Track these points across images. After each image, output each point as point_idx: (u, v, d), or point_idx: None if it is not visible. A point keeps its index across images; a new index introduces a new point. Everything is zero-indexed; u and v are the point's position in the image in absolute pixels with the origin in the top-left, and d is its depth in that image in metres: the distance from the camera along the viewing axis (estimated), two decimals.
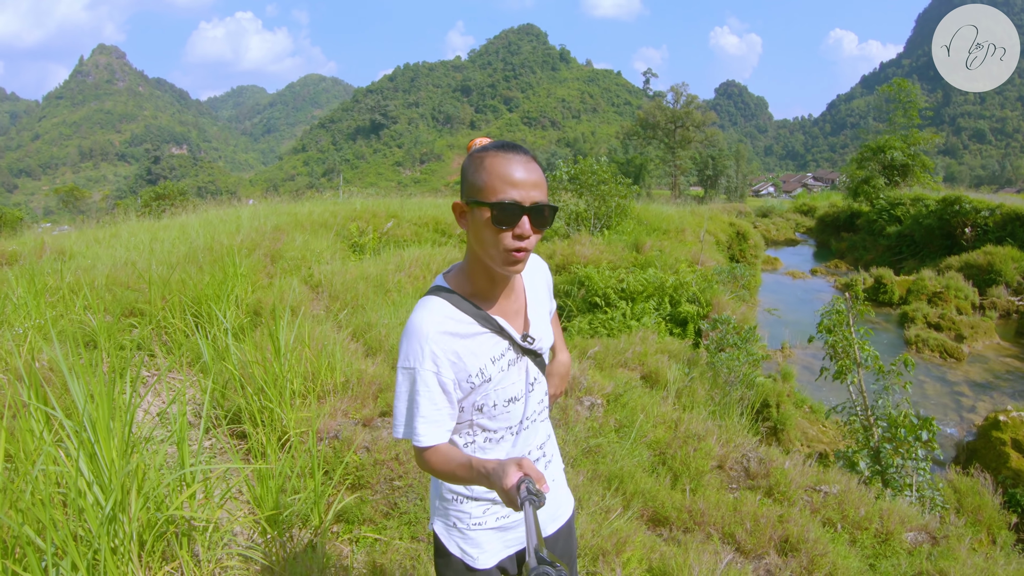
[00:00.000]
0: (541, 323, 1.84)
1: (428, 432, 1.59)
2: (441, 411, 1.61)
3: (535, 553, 1.11)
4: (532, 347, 1.75)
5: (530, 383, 1.77)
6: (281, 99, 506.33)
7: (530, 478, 1.31)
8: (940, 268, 17.91)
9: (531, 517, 1.21)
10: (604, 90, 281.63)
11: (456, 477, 1.56)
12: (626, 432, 4.98)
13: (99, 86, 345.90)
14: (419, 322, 1.58)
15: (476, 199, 1.53)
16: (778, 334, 14.30)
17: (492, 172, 1.51)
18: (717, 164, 64.65)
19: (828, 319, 6.79)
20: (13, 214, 22.23)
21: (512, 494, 1.30)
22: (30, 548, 2.21)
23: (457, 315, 1.62)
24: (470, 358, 1.61)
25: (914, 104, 33.25)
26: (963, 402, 10.92)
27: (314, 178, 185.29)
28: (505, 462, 1.38)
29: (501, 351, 1.68)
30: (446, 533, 1.81)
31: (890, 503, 4.63)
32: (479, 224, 1.54)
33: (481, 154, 1.56)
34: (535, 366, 1.79)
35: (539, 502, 1.25)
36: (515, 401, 1.72)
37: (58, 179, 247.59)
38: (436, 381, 1.58)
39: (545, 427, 1.92)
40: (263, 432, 4.11)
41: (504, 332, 1.68)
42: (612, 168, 16.14)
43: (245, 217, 13.08)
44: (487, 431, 1.72)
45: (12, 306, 5.84)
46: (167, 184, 31.98)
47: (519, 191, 1.50)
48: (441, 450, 1.60)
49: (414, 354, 1.57)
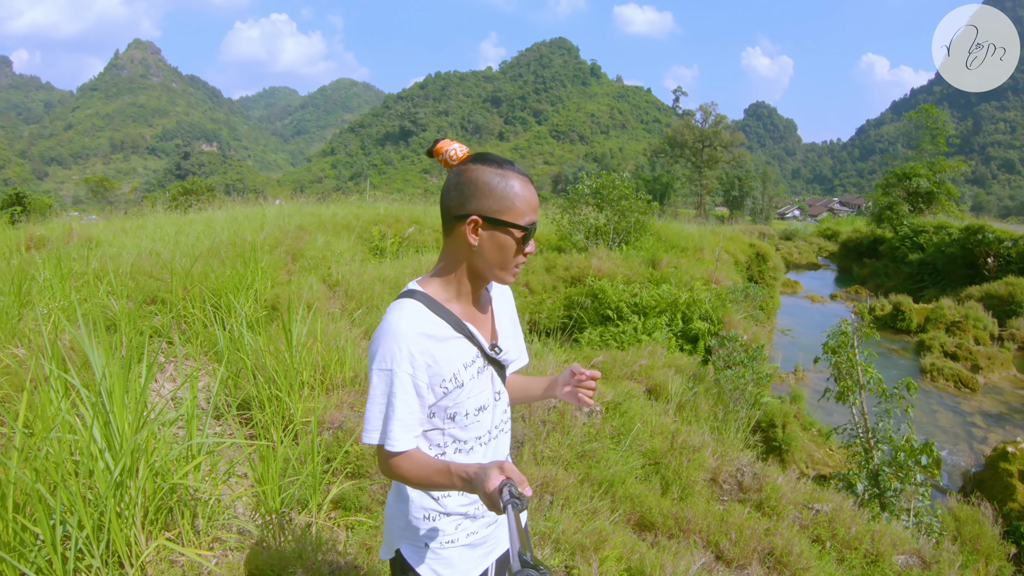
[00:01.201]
0: (508, 337, 1.89)
1: (401, 436, 1.59)
2: (414, 415, 1.61)
3: (519, 556, 1.12)
4: (499, 357, 1.79)
5: (496, 392, 1.80)
6: (312, 102, 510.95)
7: (512, 481, 1.31)
8: (960, 297, 17.76)
9: (514, 520, 1.22)
10: (633, 107, 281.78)
11: (431, 483, 1.56)
12: (622, 439, 5.07)
13: (133, 80, 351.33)
14: (396, 323, 1.58)
15: (503, 219, 1.59)
16: (792, 356, 14.30)
17: (520, 196, 1.60)
18: (743, 185, 64.40)
19: (833, 340, 6.84)
20: (43, 201, 22.65)
21: (495, 497, 1.31)
22: (41, 505, 2.37)
23: (433, 318, 1.63)
24: (445, 362, 1.62)
25: (941, 131, 33.02)
26: (975, 432, 10.86)
27: (341, 181, 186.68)
28: (487, 465, 1.39)
29: (472, 357, 1.70)
30: (416, 555, 1.75)
31: (883, 525, 4.64)
32: (500, 242, 1.61)
33: (500, 171, 1.60)
34: (499, 378, 1.82)
35: (522, 505, 1.26)
36: (484, 410, 1.74)
37: (88, 169, 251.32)
38: (412, 383, 1.58)
39: (508, 440, 1.92)
40: (270, 418, 4.27)
41: (474, 339, 1.71)
42: (633, 184, 16.19)
43: (270, 215, 13.30)
44: (458, 441, 1.71)
45: (38, 288, 6.05)
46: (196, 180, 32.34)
47: (536, 214, 1.63)
48: (413, 456, 1.60)
49: (391, 355, 1.56)
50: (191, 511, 3.07)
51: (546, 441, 4.80)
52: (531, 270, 12.71)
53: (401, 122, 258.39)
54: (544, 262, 13.18)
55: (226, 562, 3.04)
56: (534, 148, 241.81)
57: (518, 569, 1.09)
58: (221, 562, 3.01)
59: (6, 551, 2.37)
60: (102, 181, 64.57)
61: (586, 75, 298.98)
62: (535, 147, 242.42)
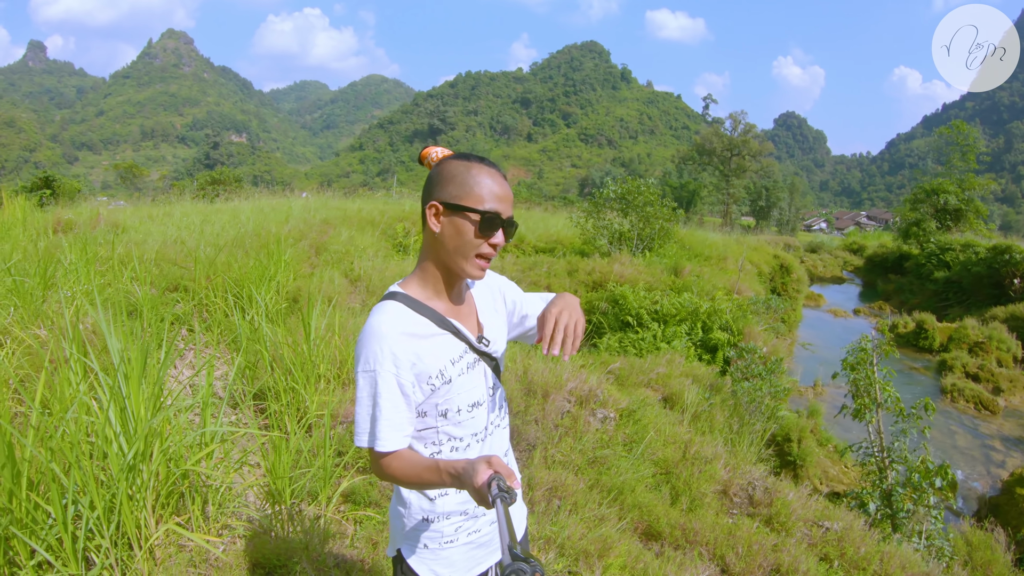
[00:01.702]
0: (494, 329, 1.89)
1: (389, 436, 1.60)
2: (401, 415, 1.62)
3: (509, 550, 1.12)
4: (487, 350, 1.80)
5: (490, 387, 1.81)
6: (343, 96, 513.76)
7: (501, 475, 1.32)
8: (985, 318, 17.46)
9: (503, 514, 1.22)
10: (663, 112, 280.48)
11: (422, 481, 1.57)
12: (634, 447, 5.06)
13: (165, 69, 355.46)
14: (377, 325, 1.60)
15: (461, 204, 1.61)
16: (812, 370, 14.17)
17: (480, 182, 1.61)
18: (771, 195, 63.87)
19: (852, 357, 6.77)
20: (72, 185, 22.93)
21: (483, 491, 1.32)
22: (55, 484, 2.41)
23: (415, 317, 1.65)
24: (430, 359, 1.63)
25: (972, 148, 32.59)
26: (993, 456, 10.70)
27: (369, 177, 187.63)
28: (475, 460, 1.40)
29: (459, 353, 1.71)
30: (416, 557, 1.77)
31: (893, 546, 4.57)
32: (459, 227, 1.62)
33: (464, 162, 1.64)
34: (491, 372, 1.83)
35: (511, 499, 1.26)
36: (478, 406, 1.75)
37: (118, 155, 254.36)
38: (396, 383, 1.59)
39: (506, 436, 1.93)
40: (285, 409, 4.32)
41: (460, 334, 1.72)
42: (659, 190, 16.14)
43: (296, 208, 13.43)
44: (453, 439, 1.72)
45: (63, 271, 6.15)
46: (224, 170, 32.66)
47: (501, 204, 1.63)
48: (403, 455, 1.62)
49: (374, 356, 1.58)
50: (202, 497, 3.11)
51: (558, 445, 4.81)
52: (553, 273, 12.72)
53: (430, 120, 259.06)
54: (567, 265, 13.18)
55: (234, 549, 3.07)
56: (562, 151, 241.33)
57: (508, 563, 1.09)
58: (229, 549, 3.05)
59: (18, 527, 2.42)
60: (131, 168, 65.28)
61: (616, 79, 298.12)
62: (563, 150, 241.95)
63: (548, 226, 18.31)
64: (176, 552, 2.89)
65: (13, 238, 7.45)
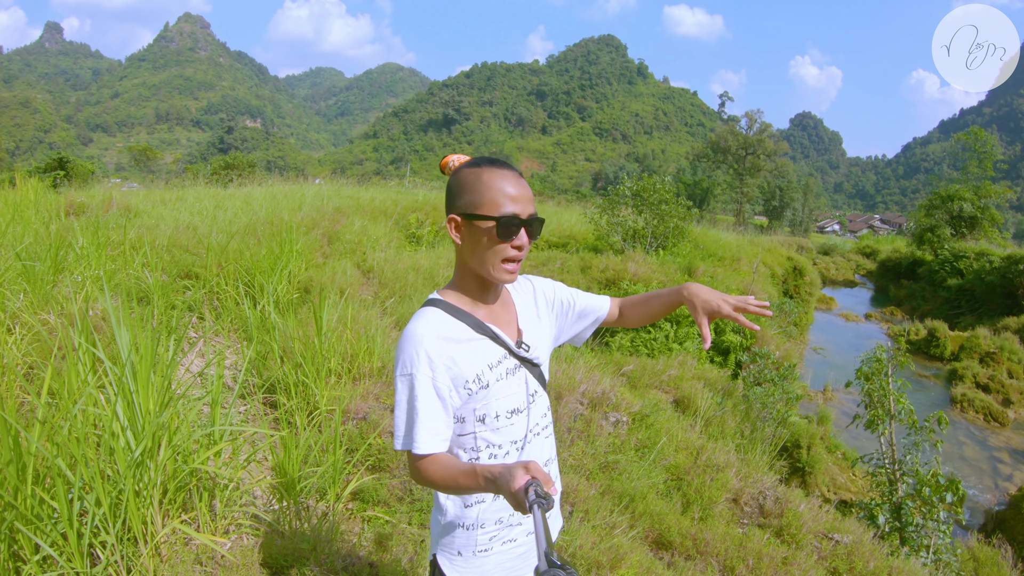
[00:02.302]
0: (534, 334, 1.86)
1: (426, 439, 1.59)
2: (438, 418, 1.61)
3: (545, 556, 1.10)
4: (528, 355, 1.77)
5: (531, 394, 1.78)
6: (358, 84, 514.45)
7: (538, 481, 1.29)
8: (997, 328, 17.33)
9: (540, 520, 1.19)
10: (678, 109, 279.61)
11: (458, 486, 1.54)
12: (646, 453, 5.01)
13: (181, 53, 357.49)
14: (414, 329, 1.61)
15: (477, 213, 1.60)
16: (823, 374, 14.09)
17: (492, 187, 1.59)
18: (784, 196, 63.62)
19: (867, 367, 6.69)
20: (85, 167, 23.00)
21: (520, 497, 1.28)
22: (60, 480, 2.37)
23: (452, 322, 1.65)
24: (466, 363, 1.62)
25: (989, 155, 32.28)
26: (1001, 469, 10.61)
27: (382, 165, 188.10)
28: (512, 465, 1.36)
29: (498, 358, 1.70)
30: (449, 563, 1.77)
31: (902, 561, 4.51)
32: (479, 236, 1.61)
33: (475, 170, 1.63)
34: (534, 378, 1.80)
35: (548, 505, 1.23)
36: (518, 413, 1.73)
37: (132, 138, 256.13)
38: (432, 386, 1.58)
39: (550, 444, 1.89)
40: (295, 404, 4.28)
41: (499, 340, 1.71)
42: (675, 188, 16.00)
43: (309, 196, 13.40)
44: (492, 445, 1.71)
45: (75, 256, 6.12)
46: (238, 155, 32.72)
47: (518, 205, 1.60)
48: (439, 459, 1.59)
49: (410, 360, 1.58)
50: (209, 494, 3.08)
51: (570, 449, 4.76)
52: (566, 270, 12.64)
53: (445, 110, 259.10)
54: (580, 262, 13.10)
55: (241, 546, 3.04)
56: (576, 144, 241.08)
57: (545, 569, 1.07)
58: (236, 547, 3.01)
59: (23, 523, 2.39)
60: (145, 150, 65.56)
61: (632, 74, 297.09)
62: (577, 143, 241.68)
63: (561, 221, 18.23)
64: (182, 549, 2.85)
65: (25, 220, 7.43)
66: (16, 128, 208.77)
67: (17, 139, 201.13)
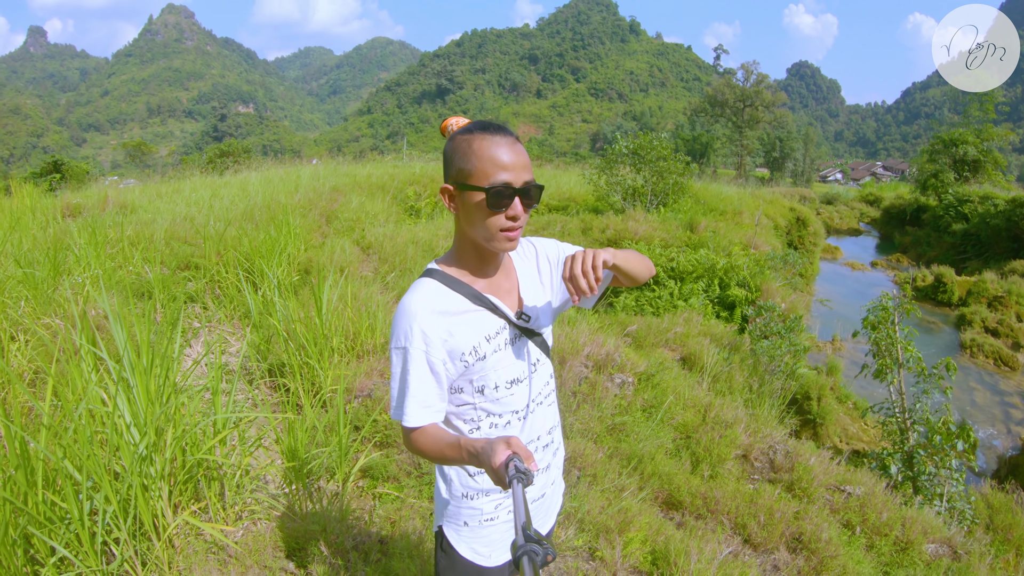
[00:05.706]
0: (536, 301, 1.81)
1: (416, 412, 1.60)
2: (430, 391, 1.61)
3: (523, 531, 1.11)
4: (528, 325, 1.74)
5: (532, 364, 1.76)
6: (348, 61, 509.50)
7: (518, 456, 1.30)
8: (1004, 271, 17.24)
9: (519, 495, 1.21)
10: (673, 64, 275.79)
11: (445, 457, 1.55)
12: (653, 413, 5.01)
13: (168, 45, 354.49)
14: (409, 303, 1.59)
15: (468, 183, 1.55)
16: (830, 325, 14.06)
17: (482, 156, 1.53)
18: (785, 146, 63.07)
19: (873, 315, 6.65)
20: (81, 167, 22.96)
21: (500, 472, 1.30)
22: (68, 481, 2.39)
23: (448, 294, 1.63)
24: (462, 335, 1.61)
25: (990, 97, 31.89)
26: (1012, 414, 10.59)
27: (378, 140, 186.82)
28: (493, 440, 1.37)
29: (496, 329, 1.67)
30: (456, 535, 1.78)
31: (915, 511, 4.47)
32: (472, 207, 1.56)
33: (466, 137, 1.57)
34: (536, 347, 1.78)
35: (527, 480, 1.25)
36: (518, 383, 1.71)
37: (126, 134, 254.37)
38: (425, 360, 1.58)
39: (553, 412, 1.87)
40: (300, 386, 4.29)
41: (498, 311, 1.68)
42: (672, 144, 15.89)
43: (305, 177, 13.36)
44: (492, 415, 1.71)
45: (74, 257, 6.12)
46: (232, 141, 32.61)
47: (510, 173, 1.53)
48: (429, 431, 1.61)
49: (404, 334, 1.58)
50: (218, 482, 3.10)
51: (576, 413, 4.77)
52: (567, 232, 12.60)
53: (438, 80, 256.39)
54: (580, 224, 13.06)
55: (253, 531, 3.07)
56: (572, 106, 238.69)
57: (522, 543, 1.08)
58: (247, 533, 3.04)
59: (36, 527, 2.40)
60: (140, 145, 65.21)
61: (625, 32, 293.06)
62: (573, 105, 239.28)
63: (560, 183, 18.16)
64: (195, 539, 2.88)
65: (23, 227, 7.43)
66: (8, 136, 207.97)
67: (10, 147, 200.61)
